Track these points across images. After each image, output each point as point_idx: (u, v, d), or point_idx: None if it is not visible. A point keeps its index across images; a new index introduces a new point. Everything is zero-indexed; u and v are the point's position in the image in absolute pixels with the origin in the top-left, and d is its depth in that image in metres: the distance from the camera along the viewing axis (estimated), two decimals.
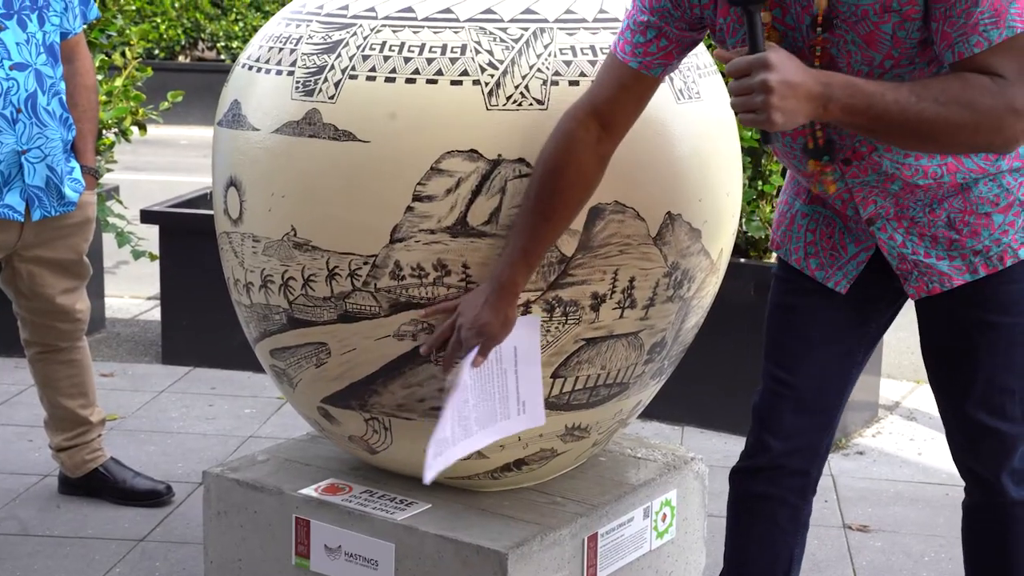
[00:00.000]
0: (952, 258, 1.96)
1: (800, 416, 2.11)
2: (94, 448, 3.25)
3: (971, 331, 2.01)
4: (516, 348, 2.15)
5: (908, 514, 3.34)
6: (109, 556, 2.97)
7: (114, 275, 5.50)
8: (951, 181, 1.92)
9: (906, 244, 1.97)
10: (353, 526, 2.38)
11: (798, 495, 2.17)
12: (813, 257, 2.07)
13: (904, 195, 1.94)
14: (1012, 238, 1.95)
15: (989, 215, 1.94)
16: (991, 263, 1.95)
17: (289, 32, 2.30)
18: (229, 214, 2.36)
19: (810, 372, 2.10)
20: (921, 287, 1.99)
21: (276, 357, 2.40)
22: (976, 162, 1.92)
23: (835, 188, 1.92)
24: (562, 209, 2.05)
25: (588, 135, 2.00)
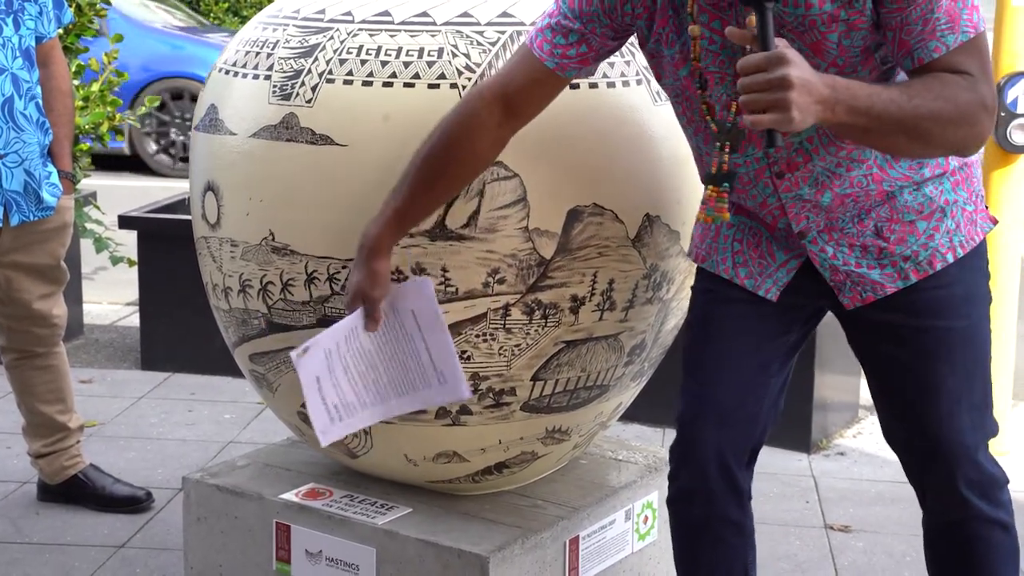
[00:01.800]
0: (883, 266, 1.96)
1: (722, 431, 2.08)
2: (73, 454, 3.23)
3: (907, 337, 2.00)
4: (414, 313, 2.11)
5: (890, 514, 3.35)
6: (88, 563, 2.96)
7: (92, 281, 5.47)
8: (877, 190, 1.94)
9: (837, 256, 1.97)
10: (334, 531, 2.37)
11: (737, 510, 2.14)
12: (742, 266, 2.05)
13: (834, 207, 1.94)
14: (939, 242, 1.96)
15: (914, 223, 1.95)
16: (921, 268, 1.96)
17: (266, 36, 2.29)
18: (207, 219, 2.35)
19: (729, 384, 2.07)
20: (855, 297, 1.98)
21: (255, 362, 2.39)
22: (900, 171, 1.94)
23: (728, 216, 1.90)
24: (447, 182, 2.04)
25: (491, 118, 1.98)
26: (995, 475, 2.06)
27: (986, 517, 2.06)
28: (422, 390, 2.16)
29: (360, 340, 2.11)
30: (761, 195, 1.97)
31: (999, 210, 3.63)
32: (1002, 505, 2.08)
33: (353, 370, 2.12)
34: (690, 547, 2.18)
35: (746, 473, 2.14)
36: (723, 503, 2.13)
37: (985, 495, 2.05)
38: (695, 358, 2.12)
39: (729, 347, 2.08)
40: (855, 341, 2.09)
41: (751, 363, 2.07)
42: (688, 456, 2.13)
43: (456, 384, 2.14)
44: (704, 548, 2.16)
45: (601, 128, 2.19)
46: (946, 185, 1.97)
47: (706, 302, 2.11)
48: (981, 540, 2.07)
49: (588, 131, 2.18)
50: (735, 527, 2.15)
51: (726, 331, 2.08)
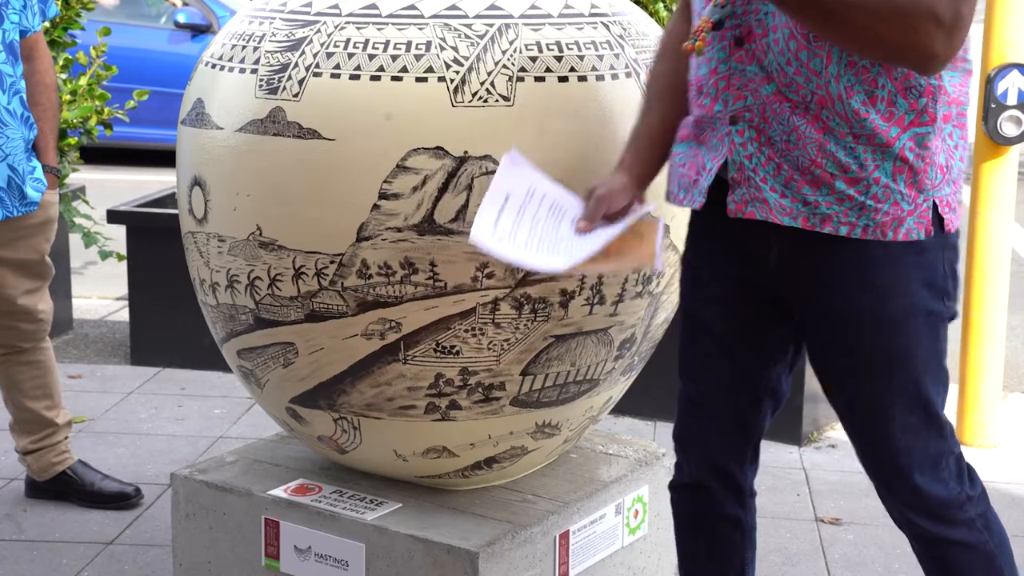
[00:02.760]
0: (783, 195, 1.90)
1: (715, 432, 2.08)
2: (61, 450, 3.22)
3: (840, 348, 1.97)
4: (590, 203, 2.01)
5: (880, 506, 3.32)
6: (77, 559, 2.95)
7: (81, 276, 5.45)
8: (816, 113, 1.86)
9: (752, 157, 1.91)
10: (323, 526, 2.36)
11: (735, 506, 2.13)
12: (682, 188, 2.02)
13: (771, 104, 1.89)
14: (844, 211, 1.87)
15: (834, 177, 1.87)
16: (812, 220, 1.89)
17: (252, 30, 2.28)
18: (194, 214, 2.33)
19: (719, 385, 2.07)
20: (741, 205, 1.92)
21: (243, 358, 2.38)
22: (846, 112, 1.85)
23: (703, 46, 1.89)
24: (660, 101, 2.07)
25: (680, 29, 2.05)
26: (943, 496, 1.97)
27: (936, 538, 2.00)
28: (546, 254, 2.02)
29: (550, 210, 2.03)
30: (716, 58, 1.93)
31: (989, 202, 3.63)
32: (959, 523, 1.99)
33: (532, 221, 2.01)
34: (687, 538, 2.20)
35: (746, 470, 2.14)
36: (720, 500, 2.13)
37: (933, 515, 1.98)
38: (684, 358, 2.12)
39: (715, 347, 2.06)
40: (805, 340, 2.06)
41: (740, 361, 2.06)
42: (685, 455, 2.14)
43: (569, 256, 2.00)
44: (700, 541, 2.17)
45: (590, 121, 2.18)
46: (887, 165, 1.87)
47: (691, 298, 2.11)
48: (935, 560, 2.03)
49: (577, 124, 2.17)
50: (733, 523, 2.15)
51: (710, 331, 2.07)
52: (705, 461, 2.11)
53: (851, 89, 1.84)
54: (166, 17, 8.85)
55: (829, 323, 1.97)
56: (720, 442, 2.10)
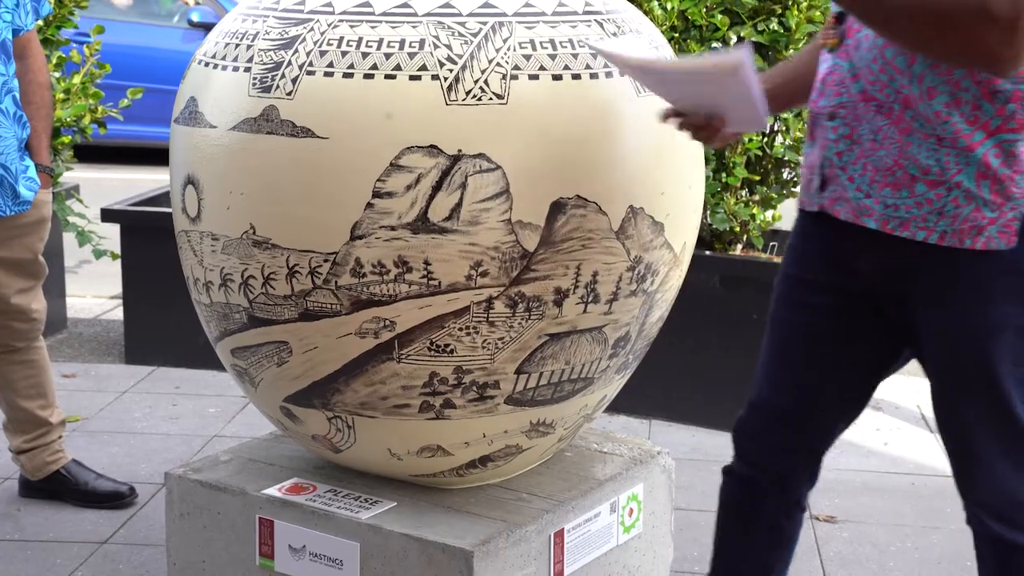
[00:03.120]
0: (868, 196, 1.91)
1: (778, 434, 2.09)
2: (55, 450, 3.22)
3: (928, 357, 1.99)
4: None
5: (875, 504, 3.35)
6: (71, 559, 2.94)
7: (76, 274, 5.45)
8: (898, 115, 1.86)
9: (842, 155, 1.94)
10: (317, 526, 2.36)
11: (777, 507, 2.14)
12: (803, 189, 2.05)
13: (858, 103, 1.90)
14: (923, 215, 1.87)
15: (914, 179, 1.87)
16: (891, 223, 1.89)
17: (245, 28, 2.27)
18: (187, 212, 2.33)
19: (794, 390, 2.07)
20: (831, 203, 1.96)
21: (237, 356, 2.37)
22: (928, 113, 1.84)
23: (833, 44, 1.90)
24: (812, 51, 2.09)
25: None
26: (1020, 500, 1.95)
27: (999, 539, 1.98)
28: None
29: None
30: (827, 57, 1.96)
31: None
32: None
33: None
34: (721, 520, 2.23)
35: (802, 480, 2.14)
36: (766, 501, 2.13)
37: (1002, 517, 1.97)
38: (767, 354, 2.13)
39: (796, 358, 2.07)
40: None
41: (816, 377, 2.06)
42: (745, 448, 2.15)
43: None
44: (731, 528, 2.19)
45: (584, 119, 2.17)
46: (970, 171, 1.85)
47: (780, 302, 2.10)
48: (993, 561, 2.00)
49: (571, 123, 2.16)
50: (774, 528, 2.15)
51: (794, 340, 2.07)
52: (761, 459, 2.11)
53: (934, 90, 1.83)
54: (179, 16, 8.87)
55: (919, 330, 1.96)
56: (782, 447, 2.10)
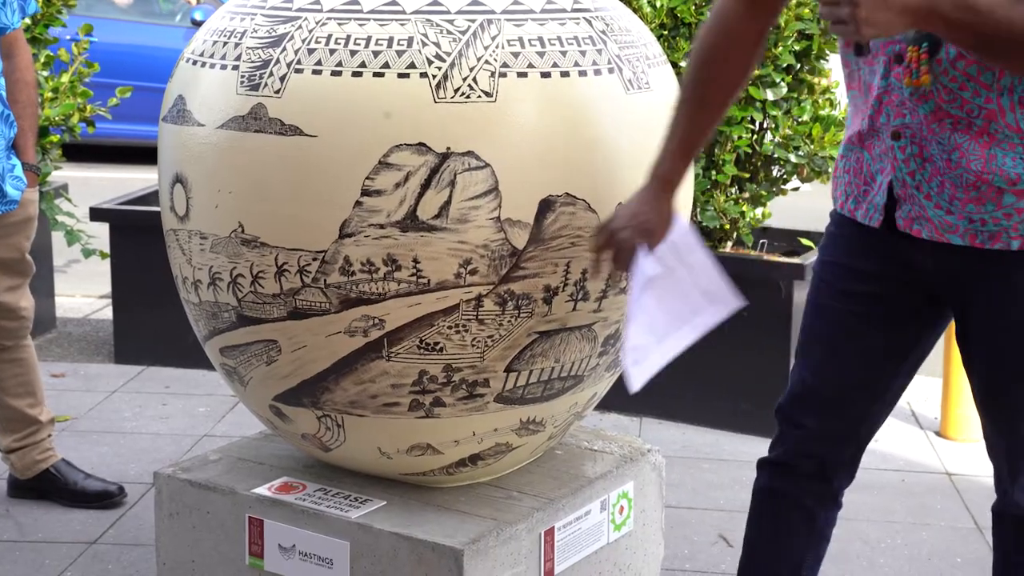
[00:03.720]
0: (950, 212, 1.90)
1: (819, 421, 2.08)
2: (45, 448, 3.21)
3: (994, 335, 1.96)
4: (673, 243, 2.09)
5: (866, 500, 3.35)
6: (60, 559, 2.93)
7: (65, 274, 5.43)
8: (981, 127, 1.84)
9: (915, 174, 1.91)
10: (307, 525, 2.35)
11: (815, 500, 2.14)
12: (851, 197, 2.03)
13: (929, 123, 1.88)
14: (1014, 224, 1.88)
15: (1001, 191, 1.87)
16: (980, 237, 1.89)
17: (233, 26, 2.27)
18: (176, 211, 2.32)
19: (834, 379, 2.07)
20: (908, 222, 1.94)
21: (226, 355, 2.36)
22: (1018, 121, 1.84)
23: (929, 80, 1.83)
24: (720, 93, 2.04)
25: (742, 9, 1.99)
26: None
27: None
28: (693, 319, 2.14)
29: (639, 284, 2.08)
30: (877, 73, 1.92)
31: None
32: None
33: (638, 314, 2.09)
34: (755, 514, 2.21)
35: (842, 472, 2.14)
36: (801, 488, 2.13)
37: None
38: (807, 344, 2.12)
39: (838, 344, 2.06)
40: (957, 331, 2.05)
41: (858, 363, 2.06)
42: (784, 435, 2.14)
43: (726, 297, 2.11)
44: (766, 522, 2.18)
45: (572, 117, 2.17)
46: None
47: (821, 290, 2.10)
48: None
49: (559, 120, 2.16)
50: (807, 516, 2.14)
51: (837, 326, 2.06)
52: (802, 445, 2.11)
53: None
54: (181, 15, 8.87)
55: (985, 325, 1.96)
56: (823, 434, 2.10)
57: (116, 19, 8.77)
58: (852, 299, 2.06)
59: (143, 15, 9.07)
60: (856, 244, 2.05)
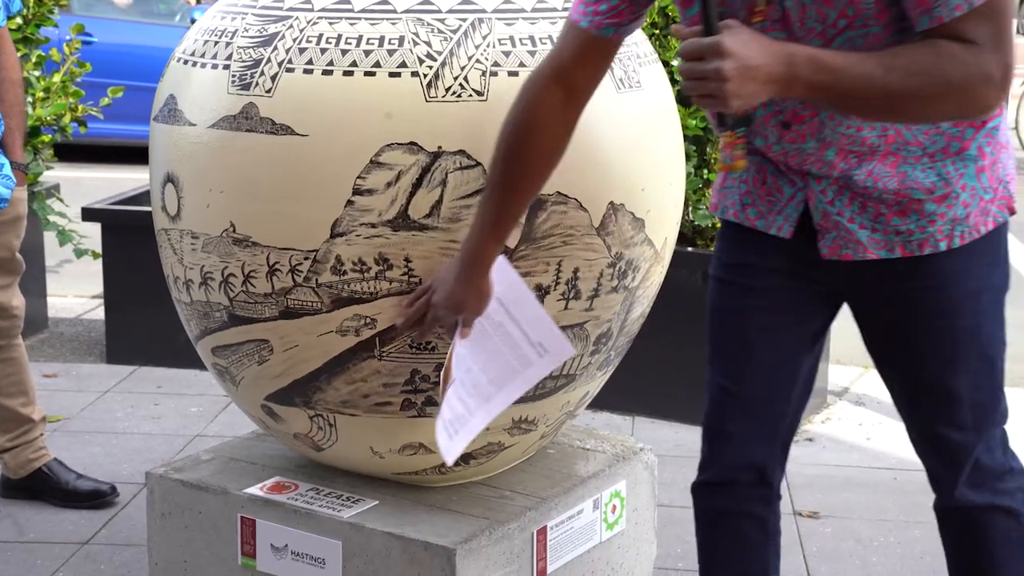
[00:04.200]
0: (874, 230, 1.91)
1: (746, 424, 2.08)
2: (38, 447, 3.21)
3: (910, 335, 1.98)
4: (499, 298, 2.11)
5: (858, 499, 3.36)
6: (52, 560, 2.93)
7: (57, 274, 5.42)
8: (885, 151, 1.87)
9: (834, 203, 1.92)
10: (299, 524, 2.35)
11: (761, 504, 2.13)
12: (751, 207, 2.01)
13: (837, 164, 1.89)
14: (938, 229, 1.91)
15: (921, 202, 1.90)
16: (909, 247, 1.91)
17: (224, 25, 2.26)
18: (167, 211, 2.32)
19: (753, 378, 2.06)
20: (835, 249, 1.94)
21: (218, 355, 2.36)
22: (917, 137, 1.87)
23: (744, 164, 1.84)
24: (531, 179, 2.02)
25: (553, 100, 1.95)
26: (994, 466, 2.03)
27: (981, 505, 2.03)
28: (524, 371, 2.16)
29: (456, 351, 2.10)
30: (768, 139, 1.93)
31: None
32: (1004, 492, 2.04)
33: (455, 380, 2.11)
34: (709, 539, 2.17)
35: (776, 468, 2.13)
36: (747, 497, 2.11)
37: (979, 485, 2.02)
38: (717, 350, 2.10)
39: (751, 341, 2.05)
40: (862, 327, 2.06)
41: (774, 357, 2.06)
42: (717, 448, 2.12)
43: (556, 345, 2.13)
44: (722, 542, 2.15)
45: None
46: (970, 168, 1.89)
47: (723, 293, 2.09)
48: (977, 525, 2.05)
49: None
50: (758, 523, 2.13)
51: (747, 325, 2.06)
52: (737, 454, 2.10)
53: None
54: (181, 15, 8.88)
55: (899, 310, 1.97)
56: (755, 436, 2.09)
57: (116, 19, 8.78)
58: (759, 294, 2.04)
59: (142, 15, 9.07)
60: (761, 245, 2.03)
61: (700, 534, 2.18)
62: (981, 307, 1.97)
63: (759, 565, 2.15)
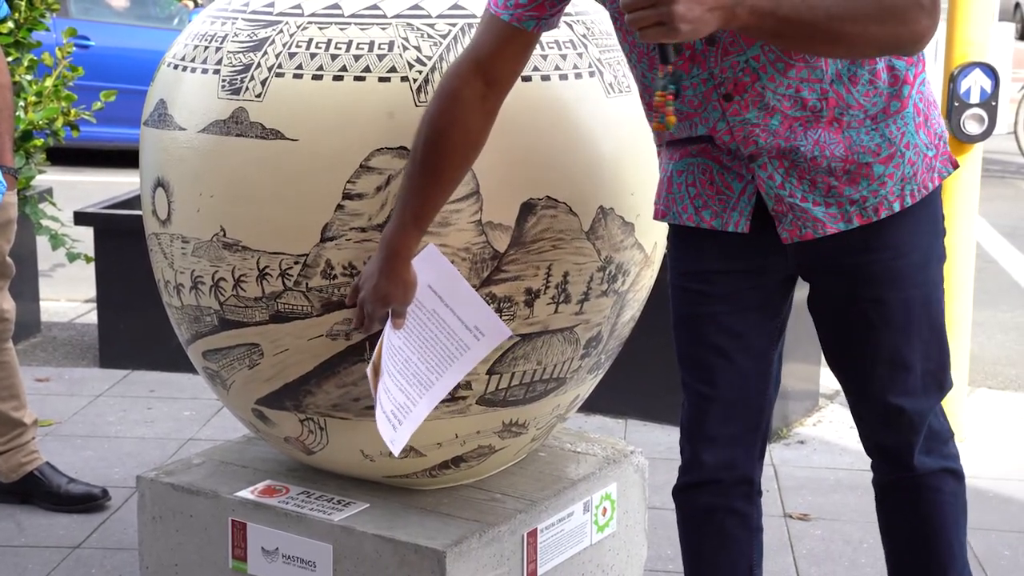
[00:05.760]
0: (828, 204, 1.93)
1: (726, 425, 2.09)
2: (30, 450, 3.20)
3: (865, 308, 2.01)
4: (431, 287, 2.12)
5: (848, 501, 3.36)
6: (43, 564, 2.93)
7: (50, 278, 5.41)
8: (829, 117, 1.90)
9: (784, 186, 1.94)
10: (290, 528, 2.36)
11: (744, 501, 2.15)
12: (704, 208, 2.01)
13: (783, 134, 1.91)
14: (890, 190, 1.94)
15: (869, 165, 1.92)
16: (866, 214, 1.94)
17: (215, 30, 2.27)
18: (157, 215, 2.32)
19: (729, 380, 2.08)
20: (794, 231, 1.95)
21: (209, 359, 2.37)
22: (858, 100, 1.90)
23: (675, 120, 1.84)
24: (451, 170, 2.02)
25: (473, 92, 1.97)
26: (942, 431, 2.10)
27: (935, 470, 2.10)
28: (462, 356, 2.15)
29: (391, 341, 2.10)
30: (711, 118, 1.94)
31: (953, 199, 3.65)
32: (950, 456, 2.11)
33: (394, 371, 2.11)
34: (694, 539, 2.19)
35: (756, 464, 2.15)
36: (730, 494, 2.13)
37: (932, 451, 2.09)
38: (689, 357, 2.11)
39: (721, 346, 2.07)
40: (813, 307, 2.09)
41: (746, 357, 2.08)
42: (697, 450, 2.13)
43: (493, 327, 2.14)
44: (708, 540, 2.16)
45: (553, 120, 2.18)
46: (910, 126, 1.94)
47: (687, 301, 2.10)
48: (931, 490, 2.11)
49: (540, 123, 2.17)
50: (741, 519, 2.15)
51: (714, 330, 2.07)
52: (720, 455, 2.11)
53: (854, 77, 1.90)
54: (179, 19, 8.89)
55: (850, 286, 2.00)
56: (736, 436, 2.11)
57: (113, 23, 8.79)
58: (722, 300, 2.06)
59: (139, 19, 9.08)
60: (717, 249, 2.04)
61: (685, 535, 2.20)
62: (930, 277, 2.03)
63: (744, 561, 2.16)
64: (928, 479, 2.10)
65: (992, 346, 4.94)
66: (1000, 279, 5.98)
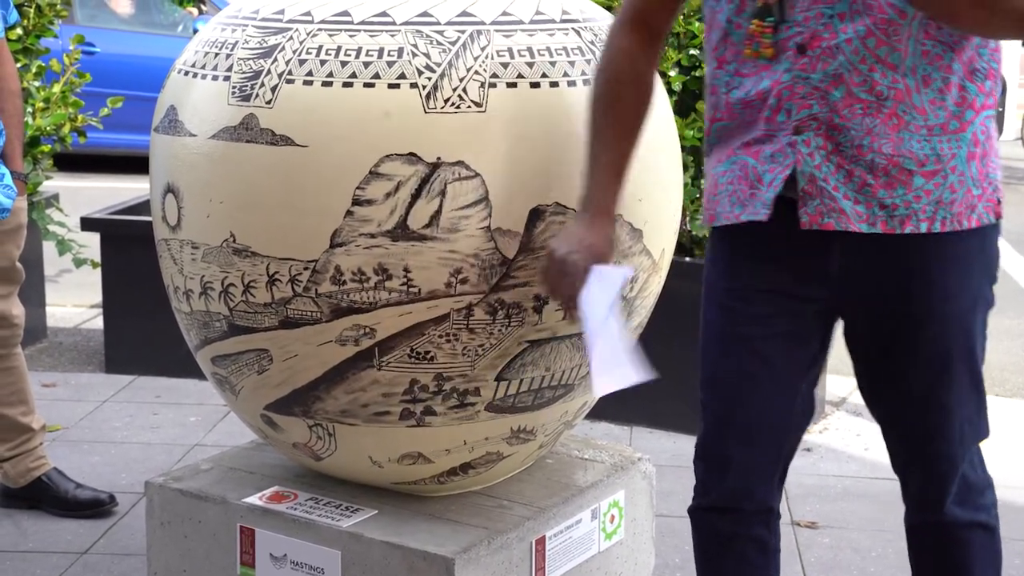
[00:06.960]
0: (857, 201, 1.90)
1: (745, 452, 2.06)
2: (38, 456, 3.21)
3: (905, 348, 1.98)
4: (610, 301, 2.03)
5: (856, 509, 3.36)
6: (51, 569, 2.93)
7: (56, 283, 5.42)
8: (891, 110, 1.87)
9: (821, 167, 1.91)
10: (299, 534, 2.36)
11: (763, 528, 2.13)
12: (737, 204, 2.00)
13: (841, 109, 1.88)
14: (923, 207, 1.90)
15: (911, 173, 1.89)
16: (891, 223, 1.91)
17: (225, 37, 2.28)
18: (167, 221, 2.33)
19: (755, 405, 2.05)
20: (816, 217, 1.92)
21: (217, 365, 2.37)
22: (923, 102, 1.88)
23: (772, 52, 1.87)
24: (634, 118, 2.08)
25: (638, 42, 2.07)
26: (977, 482, 2.05)
27: (965, 522, 2.05)
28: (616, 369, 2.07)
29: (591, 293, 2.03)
30: (778, 71, 1.91)
31: None
32: (983, 508, 2.06)
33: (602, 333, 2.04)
34: (711, 562, 2.16)
35: (776, 491, 2.12)
36: (748, 521, 2.10)
37: (965, 502, 2.04)
38: (715, 375, 2.08)
39: (751, 370, 2.04)
40: (851, 342, 2.06)
41: (774, 384, 2.04)
42: (715, 474, 2.10)
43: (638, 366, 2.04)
44: (726, 565, 2.14)
45: (563, 127, 2.18)
46: (963, 151, 1.91)
47: (722, 320, 2.07)
48: (959, 542, 2.06)
49: (549, 130, 2.17)
50: (759, 545, 2.12)
51: (747, 352, 2.04)
52: (739, 481, 2.08)
53: (929, 78, 1.88)
54: (183, 25, 8.91)
55: (893, 323, 1.97)
56: (757, 463, 2.08)
57: (119, 30, 8.81)
58: (759, 322, 2.03)
59: (145, 26, 9.11)
60: (755, 262, 2.03)
61: (703, 559, 2.17)
62: (976, 322, 1.98)
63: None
64: (958, 531, 2.05)
65: (999, 353, 4.93)
66: (1007, 286, 5.95)
